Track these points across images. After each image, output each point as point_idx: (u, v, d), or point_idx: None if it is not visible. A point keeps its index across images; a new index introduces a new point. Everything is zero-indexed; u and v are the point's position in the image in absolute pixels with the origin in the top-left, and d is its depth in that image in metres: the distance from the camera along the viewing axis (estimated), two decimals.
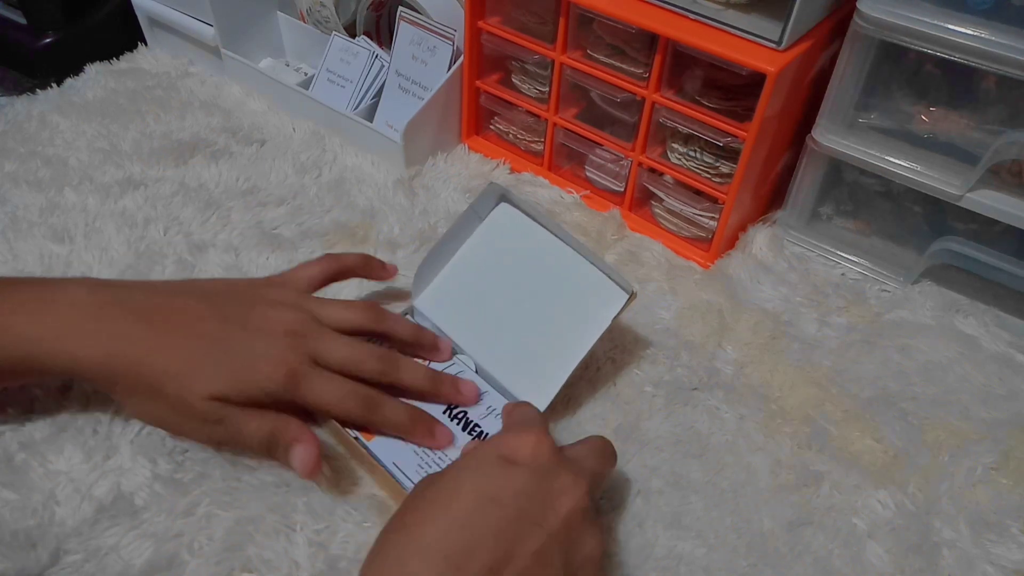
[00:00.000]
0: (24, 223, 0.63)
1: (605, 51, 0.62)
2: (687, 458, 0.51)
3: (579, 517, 0.38)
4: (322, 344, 0.46)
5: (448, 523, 0.36)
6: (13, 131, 0.72)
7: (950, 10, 0.51)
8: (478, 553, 0.35)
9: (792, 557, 0.46)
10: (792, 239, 0.67)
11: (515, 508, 0.37)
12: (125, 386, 0.44)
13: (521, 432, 0.41)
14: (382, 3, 0.76)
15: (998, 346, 0.59)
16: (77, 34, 0.81)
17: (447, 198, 0.69)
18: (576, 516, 0.38)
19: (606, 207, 0.69)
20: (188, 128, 0.74)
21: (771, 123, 0.57)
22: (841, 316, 0.61)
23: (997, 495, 0.49)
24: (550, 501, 0.38)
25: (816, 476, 0.50)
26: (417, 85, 0.71)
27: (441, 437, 0.48)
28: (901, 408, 0.54)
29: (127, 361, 0.43)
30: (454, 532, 0.36)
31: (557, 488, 0.38)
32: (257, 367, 0.44)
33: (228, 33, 0.78)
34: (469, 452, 0.41)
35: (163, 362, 0.43)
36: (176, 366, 0.43)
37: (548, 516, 0.37)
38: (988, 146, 0.53)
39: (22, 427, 0.48)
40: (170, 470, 0.47)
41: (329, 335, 0.47)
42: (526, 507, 0.37)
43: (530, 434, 0.40)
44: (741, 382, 0.56)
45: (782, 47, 0.53)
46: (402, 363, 0.49)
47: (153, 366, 0.43)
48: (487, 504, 0.37)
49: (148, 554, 0.43)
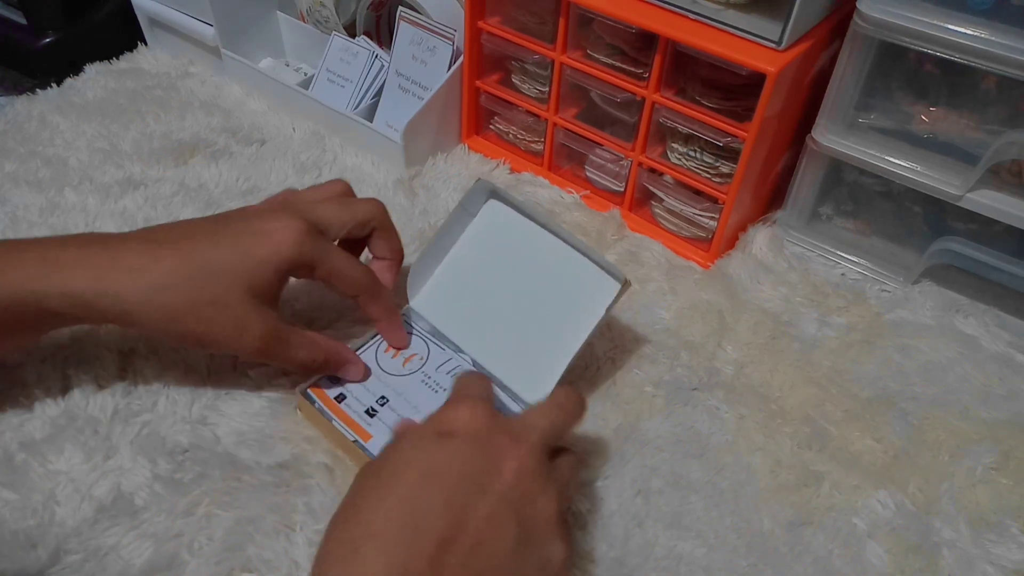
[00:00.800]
0: (24, 223, 0.63)
1: (605, 51, 0.62)
2: (687, 458, 0.51)
3: (526, 476, 0.38)
4: (320, 214, 0.49)
5: (394, 503, 0.36)
6: (13, 131, 0.72)
7: (950, 10, 0.51)
8: (428, 528, 0.35)
9: (792, 557, 0.46)
10: (792, 239, 0.67)
11: (458, 478, 0.37)
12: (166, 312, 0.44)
13: (456, 405, 0.41)
14: (382, 3, 0.76)
15: (998, 346, 0.59)
16: (77, 34, 0.81)
17: (447, 198, 0.69)
18: (523, 476, 0.38)
19: (606, 207, 0.69)
20: (188, 128, 0.74)
21: (771, 123, 0.57)
22: (841, 316, 0.61)
23: (997, 495, 0.49)
24: (492, 465, 0.38)
25: (816, 476, 0.50)
26: (417, 85, 0.71)
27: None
28: (901, 408, 0.54)
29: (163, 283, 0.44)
30: (402, 511, 0.36)
31: (497, 452, 0.38)
32: (272, 238, 0.46)
33: (228, 33, 0.78)
34: (406, 432, 0.41)
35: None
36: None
37: (492, 480, 0.37)
38: (988, 146, 0.53)
39: (22, 427, 0.48)
40: (170, 470, 0.47)
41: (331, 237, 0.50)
42: (468, 475, 0.37)
43: (463, 405, 0.41)
44: (741, 382, 0.56)
45: (782, 47, 0.53)
46: (383, 291, 0.51)
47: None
48: (429, 479, 0.37)
49: (148, 554, 0.43)
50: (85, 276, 0.43)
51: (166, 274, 0.44)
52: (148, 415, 0.50)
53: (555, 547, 0.38)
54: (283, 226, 0.46)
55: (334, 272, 0.48)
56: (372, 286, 0.50)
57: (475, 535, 0.36)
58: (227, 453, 0.48)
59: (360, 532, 0.35)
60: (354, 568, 0.34)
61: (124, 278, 0.43)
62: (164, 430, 0.49)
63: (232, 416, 0.50)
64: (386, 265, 0.54)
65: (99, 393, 0.50)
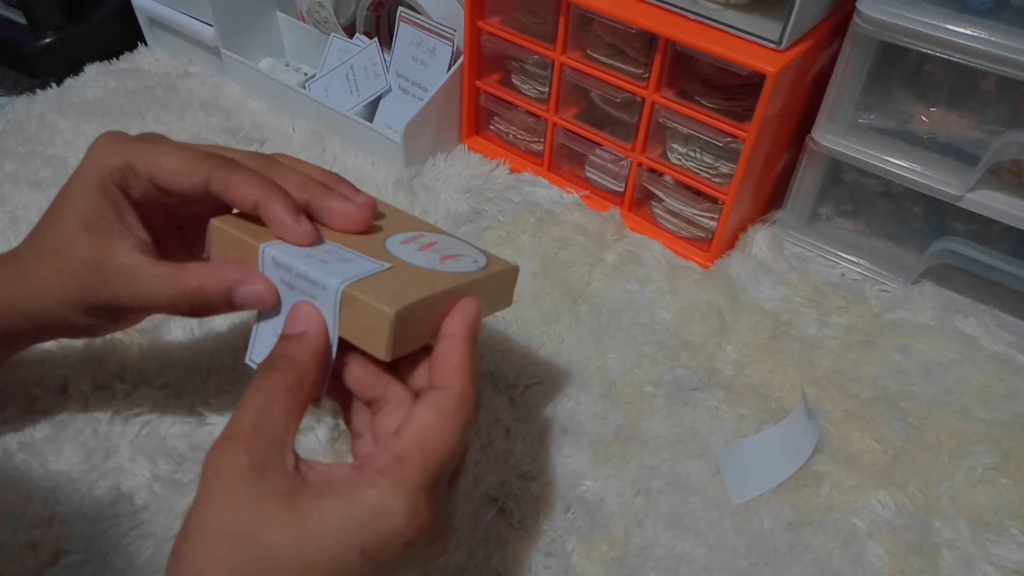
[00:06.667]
0: (24, 223, 0.63)
1: (605, 51, 0.62)
2: (687, 458, 0.51)
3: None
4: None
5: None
6: (13, 131, 0.72)
7: (950, 10, 0.51)
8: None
9: (792, 557, 0.46)
10: (792, 239, 0.67)
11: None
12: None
13: (390, 501, 0.32)
14: (382, 3, 0.76)
15: (998, 346, 0.59)
16: (77, 34, 0.81)
17: (447, 198, 0.69)
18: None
19: (606, 207, 0.69)
20: (188, 128, 0.74)
21: (771, 123, 0.57)
22: (841, 316, 0.61)
23: (997, 495, 0.49)
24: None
25: (816, 476, 0.50)
26: (417, 86, 0.71)
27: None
28: (901, 408, 0.54)
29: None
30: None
31: (431, 555, 0.35)
32: (86, 157, 0.41)
33: (228, 33, 0.78)
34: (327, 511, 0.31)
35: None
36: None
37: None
38: (988, 146, 0.53)
39: (22, 427, 0.48)
40: (170, 470, 0.47)
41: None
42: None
43: (403, 510, 0.32)
44: (741, 382, 0.56)
45: (782, 47, 0.53)
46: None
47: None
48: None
49: (148, 554, 0.43)
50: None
51: (21, 260, 0.41)
52: (148, 415, 0.50)
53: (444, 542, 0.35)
54: (95, 143, 0.41)
55: (164, 169, 0.39)
56: (224, 168, 0.38)
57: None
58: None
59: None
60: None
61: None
62: (164, 430, 0.49)
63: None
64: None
65: (99, 393, 0.50)
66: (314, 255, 0.37)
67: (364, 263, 0.37)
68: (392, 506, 0.31)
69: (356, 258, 0.37)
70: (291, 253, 0.36)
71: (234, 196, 0.38)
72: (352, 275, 0.35)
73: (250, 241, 0.37)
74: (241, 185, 0.37)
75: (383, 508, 0.31)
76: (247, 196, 0.37)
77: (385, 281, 0.36)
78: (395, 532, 0.31)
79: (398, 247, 0.40)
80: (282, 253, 0.36)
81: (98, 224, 0.39)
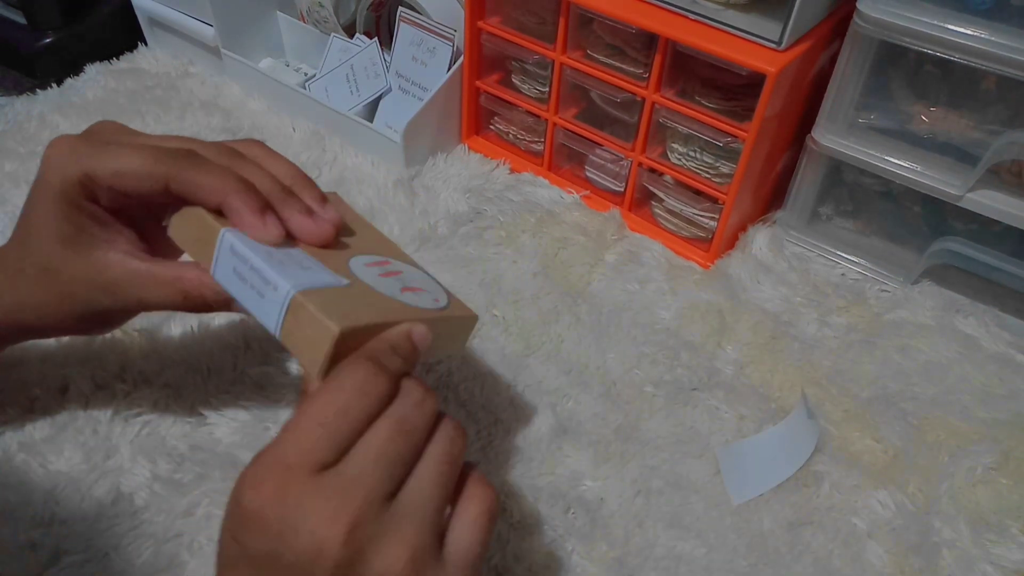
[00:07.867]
0: None
1: (605, 51, 0.62)
2: (687, 458, 0.51)
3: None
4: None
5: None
6: (13, 131, 0.72)
7: (950, 10, 0.51)
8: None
9: (792, 557, 0.46)
10: (792, 239, 0.67)
11: None
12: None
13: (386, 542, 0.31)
14: (382, 3, 0.76)
15: (998, 346, 0.59)
16: (77, 34, 0.81)
17: (447, 198, 0.69)
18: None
19: (606, 207, 0.69)
20: (188, 128, 0.74)
21: (771, 123, 0.57)
22: (841, 316, 0.61)
23: (997, 495, 0.49)
24: None
25: (816, 476, 0.50)
26: (417, 86, 0.71)
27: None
28: (901, 408, 0.54)
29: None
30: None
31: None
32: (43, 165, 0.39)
33: (228, 33, 0.78)
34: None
35: None
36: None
37: None
38: (988, 146, 0.53)
39: (22, 427, 0.48)
40: (170, 470, 0.47)
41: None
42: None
43: (401, 554, 0.31)
44: (741, 382, 0.56)
45: (782, 47, 0.53)
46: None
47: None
48: None
49: (148, 554, 0.43)
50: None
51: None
52: (148, 415, 0.50)
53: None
54: (47, 153, 0.39)
55: (122, 173, 0.37)
56: (185, 168, 0.37)
57: None
58: (227, 453, 0.48)
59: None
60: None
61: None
62: (164, 430, 0.49)
63: (232, 416, 0.50)
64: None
65: (99, 393, 0.50)
66: (274, 254, 0.36)
67: (322, 274, 0.36)
68: (239, 494, 0.31)
69: (315, 267, 0.36)
70: (251, 245, 0.36)
71: (197, 198, 0.37)
72: (306, 283, 0.34)
73: (212, 223, 0.36)
74: (203, 187, 0.36)
75: (236, 493, 0.31)
76: (210, 197, 0.36)
77: (338, 297, 0.35)
78: (241, 516, 0.30)
79: (361, 268, 0.39)
80: (241, 242, 0.36)
81: (80, 239, 0.39)
